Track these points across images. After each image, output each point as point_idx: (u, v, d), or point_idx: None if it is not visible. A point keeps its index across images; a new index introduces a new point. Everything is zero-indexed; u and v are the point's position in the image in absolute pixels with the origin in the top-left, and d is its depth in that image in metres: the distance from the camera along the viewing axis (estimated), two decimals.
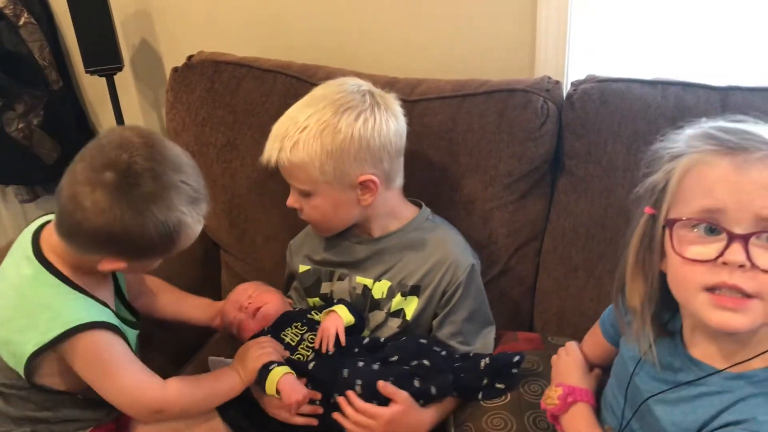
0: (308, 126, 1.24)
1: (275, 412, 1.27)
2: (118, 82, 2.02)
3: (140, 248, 1.09)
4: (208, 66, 1.67)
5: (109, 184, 1.03)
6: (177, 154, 1.11)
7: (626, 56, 1.58)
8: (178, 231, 1.09)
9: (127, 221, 1.04)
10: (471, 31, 1.67)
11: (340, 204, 1.30)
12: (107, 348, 1.13)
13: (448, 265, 1.33)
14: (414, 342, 1.29)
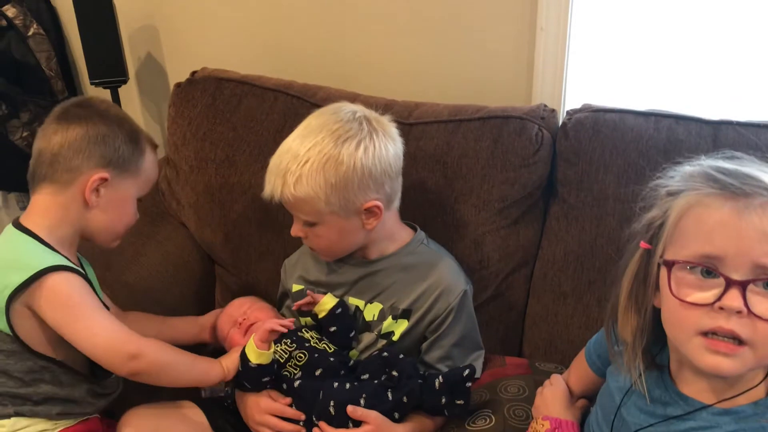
0: (310, 159, 1.24)
1: (257, 429, 1.28)
2: (123, 94, 2.05)
3: (115, 149, 1.24)
4: (211, 82, 1.70)
5: (67, 109, 1.26)
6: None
7: (623, 87, 1.60)
8: (139, 138, 1.29)
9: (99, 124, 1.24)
10: (470, 57, 1.70)
11: (346, 231, 1.30)
12: (76, 290, 1.17)
13: (441, 290, 1.33)
14: (378, 358, 1.30)
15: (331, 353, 1.32)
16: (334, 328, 1.35)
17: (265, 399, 1.28)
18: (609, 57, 1.61)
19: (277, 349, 1.32)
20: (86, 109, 1.25)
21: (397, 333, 1.35)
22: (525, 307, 1.53)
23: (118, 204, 1.27)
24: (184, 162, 1.69)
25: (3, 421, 1.17)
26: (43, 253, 1.18)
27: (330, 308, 1.35)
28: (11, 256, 1.19)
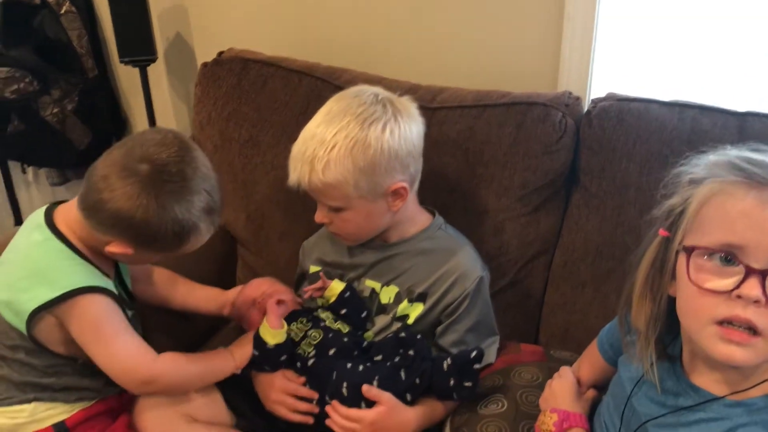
0: (337, 144, 1.23)
1: (273, 407, 1.30)
2: (151, 73, 2.08)
3: (152, 240, 1.15)
4: (237, 63, 1.71)
5: (143, 174, 1.11)
6: (207, 166, 1.20)
7: (649, 76, 1.58)
8: (189, 234, 1.16)
9: (150, 212, 1.11)
10: (496, 42, 1.69)
11: (372, 214, 1.31)
12: (104, 313, 1.18)
13: (457, 275, 1.34)
14: (393, 338, 1.31)
15: (345, 334, 1.33)
16: (345, 310, 1.36)
17: (280, 378, 1.29)
18: (636, 46, 1.59)
19: (293, 327, 1.33)
20: (163, 188, 1.12)
21: (412, 316, 1.35)
22: (543, 295, 1.53)
23: (138, 261, 1.28)
24: (209, 141, 1.71)
25: (23, 406, 1.20)
26: (75, 269, 1.18)
27: (338, 293, 1.36)
28: (43, 266, 1.18)
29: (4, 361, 1.20)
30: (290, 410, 1.28)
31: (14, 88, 2.11)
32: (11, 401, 1.20)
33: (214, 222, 1.21)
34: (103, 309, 1.18)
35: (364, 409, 1.22)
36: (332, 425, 1.24)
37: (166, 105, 2.26)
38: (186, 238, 1.17)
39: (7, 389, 1.20)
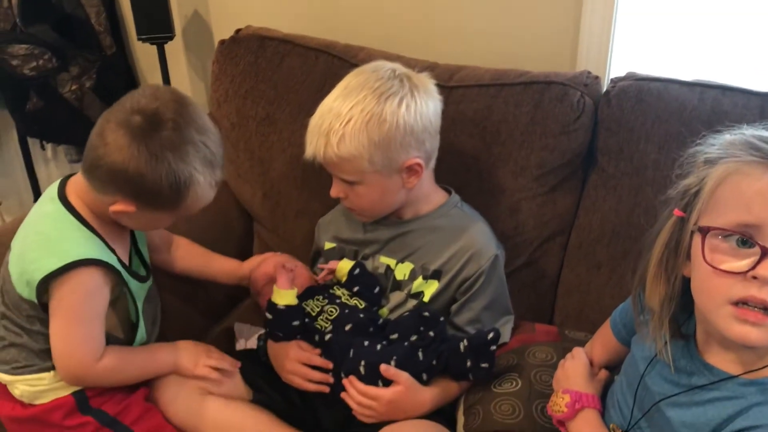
0: (353, 118, 1.24)
1: (288, 377, 1.31)
2: (169, 51, 2.08)
3: (149, 194, 1.13)
4: (254, 41, 1.71)
5: (134, 125, 1.11)
6: (203, 119, 1.17)
7: (670, 56, 1.56)
8: (188, 186, 1.14)
9: (143, 162, 1.10)
10: (515, 21, 1.67)
11: (387, 190, 1.31)
12: (92, 291, 1.17)
13: (472, 253, 1.34)
14: (414, 316, 1.31)
15: (361, 310, 1.34)
16: (357, 288, 1.37)
17: (295, 349, 1.30)
18: (656, 25, 1.57)
19: (309, 303, 1.34)
20: (153, 137, 1.11)
21: (427, 294, 1.36)
22: (558, 276, 1.52)
23: (146, 223, 1.25)
24: (226, 119, 1.71)
25: (44, 374, 1.21)
26: (80, 241, 1.18)
27: (348, 271, 1.37)
28: (51, 237, 1.19)
29: (23, 330, 1.21)
30: (305, 380, 1.29)
31: (33, 65, 2.12)
32: (32, 369, 1.21)
33: (214, 176, 1.18)
34: (92, 288, 1.17)
35: (381, 388, 1.23)
36: (349, 400, 1.25)
37: (184, 83, 2.27)
38: (185, 192, 1.14)
39: (27, 357, 1.21)
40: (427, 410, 1.25)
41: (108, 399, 1.25)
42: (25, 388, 1.22)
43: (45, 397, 1.22)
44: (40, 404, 1.22)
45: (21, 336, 1.21)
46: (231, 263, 1.52)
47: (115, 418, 1.24)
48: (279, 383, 1.35)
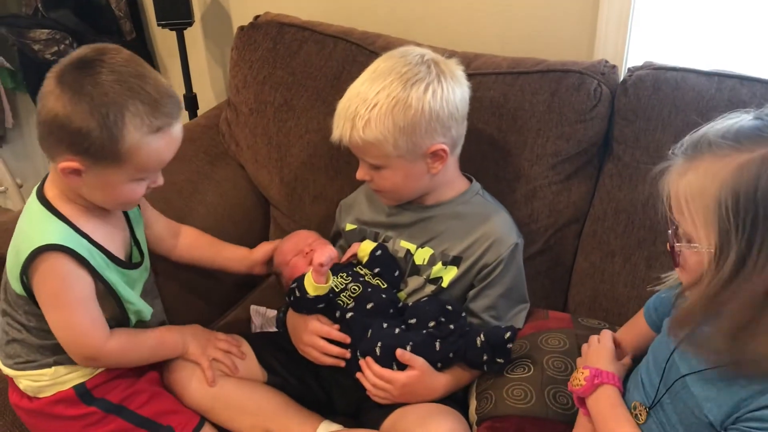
0: (378, 103, 1.25)
1: (305, 350, 1.33)
2: (188, 37, 2.09)
3: (85, 142, 1.06)
4: (273, 27, 1.72)
5: (60, 71, 1.08)
6: (142, 66, 1.11)
7: (688, 45, 1.56)
8: (120, 127, 1.06)
9: (66, 102, 1.05)
10: (532, 9, 1.67)
11: (411, 175, 1.32)
12: (64, 278, 1.14)
13: (492, 240, 1.35)
14: (435, 305, 1.32)
15: (383, 290, 1.35)
16: (378, 269, 1.38)
17: (314, 322, 1.31)
18: (675, 14, 1.56)
19: (334, 279, 1.36)
20: (77, 77, 1.06)
21: (446, 280, 1.37)
22: (572, 264, 1.53)
23: (105, 187, 1.14)
24: (244, 105, 1.73)
25: (45, 370, 1.22)
26: (46, 228, 1.14)
27: (370, 251, 1.38)
28: (23, 229, 1.18)
29: (23, 327, 1.21)
30: (322, 353, 1.30)
31: (54, 50, 2.15)
32: (33, 365, 1.22)
33: (154, 118, 1.08)
34: (64, 272, 1.13)
35: (396, 371, 1.24)
36: (364, 382, 1.27)
37: (202, 68, 2.28)
38: (117, 132, 1.06)
39: (29, 353, 1.22)
40: (440, 395, 1.26)
41: (112, 388, 1.25)
42: (28, 383, 1.23)
43: (47, 391, 1.23)
44: (43, 397, 1.23)
45: (21, 332, 1.22)
46: (240, 250, 1.51)
47: (120, 404, 1.24)
48: (294, 366, 1.37)
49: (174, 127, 1.12)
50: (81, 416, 1.23)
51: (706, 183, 0.81)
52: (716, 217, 0.80)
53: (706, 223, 0.81)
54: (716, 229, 0.80)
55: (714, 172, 0.80)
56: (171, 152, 1.15)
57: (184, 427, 1.26)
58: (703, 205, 0.81)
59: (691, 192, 0.83)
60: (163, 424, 1.25)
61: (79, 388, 1.23)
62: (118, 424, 1.24)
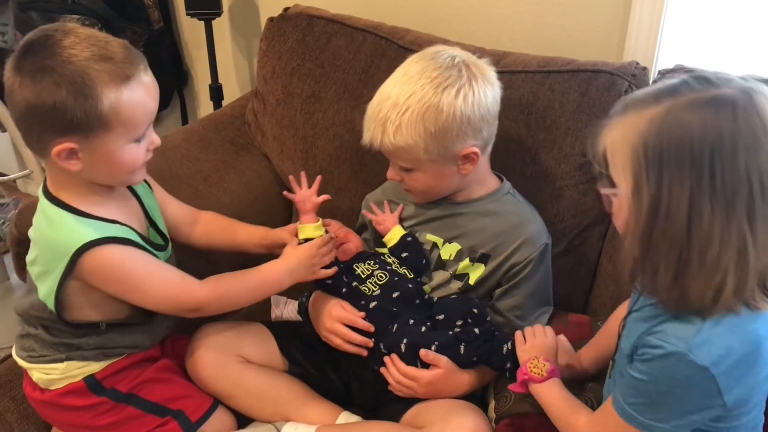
0: (409, 108, 1.24)
1: (328, 336, 1.32)
2: (216, 27, 2.10)
3: (64, 114, 1.04)
4: (303, 19, 1.73)
5: (14, 62, 1.06)
6: (90, 30, 1.09)
7: (719, 49, 1.55)
8: (92, 87, 1.04)
9: (33, 86, 1.04)
10: (563, 9, 1.67)
11: (442, 176, 1.32)
12: (121, 262, 1.14)
13: (523, 240, 1.35)
14: (465, 304, 1.32)
15: (410, 279, 1.35)
16: (406, 254, 1.38)
17: (338, 308, 1.31)
18: (707, 18, 1.55)
19: (360, 266, 1.36)
20: (33, 59, 1.05)
21: (472, 277, 1.37)
22: (596, 265, 1.52)
23: (105, 159, 1.11)
24: (272, 95, 1.73)
25: (57, 365, 1.22)
26: (76, 229, 1.12)
27: (400, 237, 1.38)
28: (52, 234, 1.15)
29: (39, 322, 1.22)
30: (344, 340, 1.30)
31: None
32: (46, 359, 1.22)
33: (118, 68, 1.05)
34: (117, 259, 1.14)
35: (421, 369, 1.24)
36: (388, 377, 1.27)
37: (228, 59, 2.29)
38: (90, 92, 1.03)
39: (42, 347, 1.22)
40: (463, 392, 1.27)
41: (122, 378, 1.25)
42: (40, 375, 1.23)
43: (58, 383, 1.24)
44: (54, 389, 1.24)
45: (36, 328, 1.22)
46: (258, 230, 1.44)
47: (131, 392, 1.25)
48: (314, 357, 1.37)
49: (143, 74, 1.10)
50: (91, 406, 1.24)
51: (626, 134, 0.88)
52: (631, 163, 0.87)
53: (625, 170, 0.88)
54: (632, 174, 0.87)
55: (633, 124, 0.88)
56: (152, 100, 1.12)
57: (195, 410, 1.26)
58: (622, 154, 0.89)
59: (616, 144, 0.91)
60: (174, 408, 1.25)
61: (89, 379, 1.23)
62: (128, 411, 1.24)
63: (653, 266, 0.88)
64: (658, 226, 0.86)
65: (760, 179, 0.83)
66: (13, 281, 2.37)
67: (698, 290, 0.87)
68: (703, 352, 0.87)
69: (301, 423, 1.27)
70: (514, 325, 1.36)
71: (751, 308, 0.89)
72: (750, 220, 0.84)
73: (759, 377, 0.91)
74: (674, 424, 0.92)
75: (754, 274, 0.86)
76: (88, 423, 1.24)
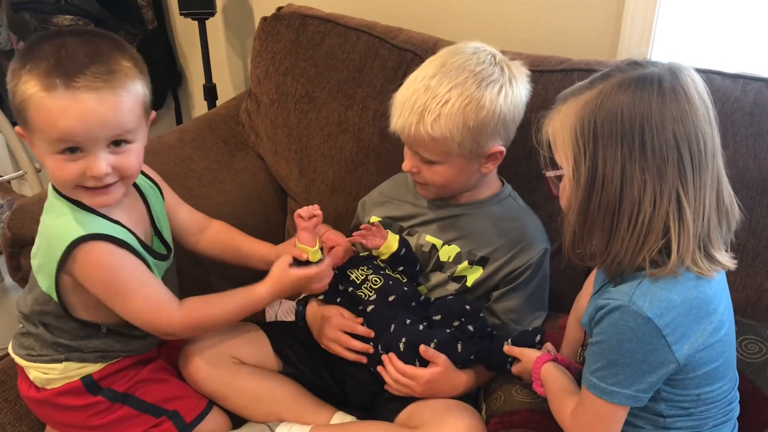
0: (450, 100, 1.22)
1: (328, 345, 1.32)
2: (209, 27, 2.10)
3: (9, 100, 1.06)
4: (296, 18, 1.72)
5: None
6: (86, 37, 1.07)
7: (713, 47, 1.55)
8: (17, 82, 1.03)
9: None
10: (556, 7, 1.67)
11: (464, 172, 1.31)
12: (108, 263, 1.12)
13: (523, 245, 1.35)
14: (459, 304, 1.32)
15: (404, 283, 1.36)
16: (401, 268, 1.38)
17: (337, 316, 1.32)
18: (700, 15, 1.55)
19: (354, 272, 1.36)
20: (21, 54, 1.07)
21: (470, 279, 1.37)
22: None
23: (42, 161, 1.09)
24: (266, 95, 1.73)
25: (55, 365, 1.22)
26: (71, 222, 1.11)
27: (393, 252, 1.36)
28: (47, 225, 1.16)
29: (40, 321, 1.22)
30: (345, 348, 1.30)
31: None
32: (44, 359, 1.22)
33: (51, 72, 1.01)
34: (106, 259, 1.12)
35: (420, 368, 1.24)
36: (385, 376, 1.27)
37: (222, 59, 2.29)
38: (14, 86, 1.04)
39: (41, 347, 1.22)
40: (460, 392, 1.27)
41: (119, 378, 1.25)
42: (38, 374, 1.23)
43: (55, 383, 1.24)
44: (51, 389, 1.24)
45: (37, 327, 1.22)
46: (262, 247, 1.42)
47: (126, 392, 1.25)
48: (308, 357, 1.37)
49: (77, 92, 1.01)
50: (87, 406, 1.24)
51: (565, 119, 0.96)
52: (571, 143, 0.94)
53: (566, 151, 0.96)
54: (572, 153, 0.95)
55: (572, 109, 0.95)
56: (70, 120, 1.02)
57: (190, 411, 1.26)
58: (562, 137, 0.96)
59: (557, 129, 0.98)
60: (169, 409, 1.25)
61: (86, 379, 1.23)
62: (123, 411, 1.25)
63: (590, 234, 0.96)
64: (594, 197, 0.93)
65: (688, 146, 0.90)
66: (8, 282, 2.37)
67: (630, 252, 0.92)
68: (644, 304, 0.92)
69: (295, 423, 1.27)
70: (509, 327, 1.37)
71: (695, 273, 0.94)
72: (683, 185, 0.90)
73: (707, 335, 0.95)
74: (636, 389, 0.95)
75: (694, 239, 0.92)
76: (84, 423, 1.24)
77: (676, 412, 1.01)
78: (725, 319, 0.99)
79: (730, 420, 1.05)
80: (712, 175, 0.92)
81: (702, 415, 1.01)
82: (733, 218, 0.98)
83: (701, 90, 0.94)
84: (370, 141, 1.61)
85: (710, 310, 0.96)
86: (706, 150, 0.91)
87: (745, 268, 1.34)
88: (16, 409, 1.32)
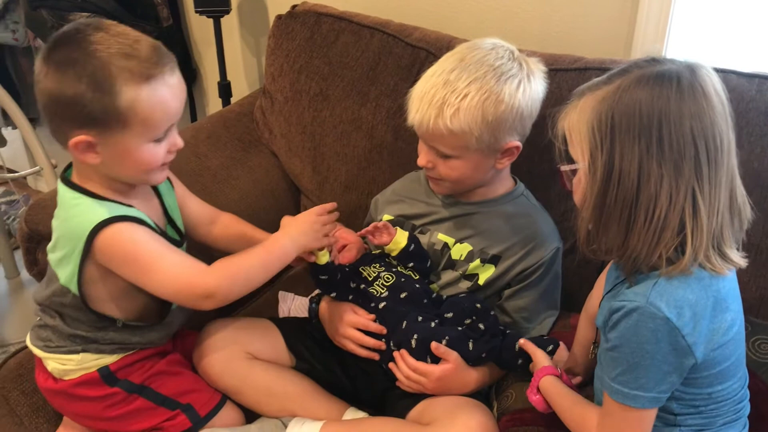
0: (470, 94, 1.23)
1: (341, 341, 1.33)
2: (224, 24, 2.11)
3: (83, 108, 1.06)
4: (310, 17, 1.73)
5: (45, 52, 1.08)
6: (122, 27, 1.10)
7: (728, 46, 1.54)
8: (112, 83, 1.05)
9: (56, 77, 1.06)
10: (571, 6, 1.66)
11: (480, 167, 1.32)
12: (132, 240, 1.13)
13: (535, 243, 1.35)
14: (470, 302, 1.32)
15: (416, 280, 1.36)
16: (412, 264, 1.38)
17: (350, 313, 1.32)
18: (716, 14, 1.55)
19: (366, 269, 1.36)
20: (61, 51, 1.07)
21: (482, 278, 1.37)
22: (602, 264, 1.51)
23: (123, 156, 1.12)
24: (280, 93, 1.74)
25: (72, 356, 1.23)
26: (86, 210, 1.14)
27: (402, 248, 1.36)
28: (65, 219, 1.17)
29: (58, 314, 1.23)
30: (358, 345, 1.31)
31: None
32: (62, 350, 1.24)
33: (142, 65, 1.06)
34: (129, 236, 1.13)
35: (431, 364, 1.25)
36: (397, 373, 1.27)
37: (237, 57, 2.30)
38: (110, 88, 1.05)
39: (59, 338, 1.24)
40: (471, 389, 1.27)
41: (135, 369, 1.27)
42: (55, 365, 1.25)
43: (73, 374, 1.25)
44: (69, 379, 1.25)
45: (55, 319, 1.23)
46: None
47: (143, 384, 1.26)
48: (321, 353, 1.38)
49: (168, 75, 1.10)
50: (104, 397, 1.25)
51: (582, 114, 0.96)
52: (588, 138, 0.94)
53: (582, 145, 0.96)
54: (588, 147, 0.94)
55: (589, 104, 0.95)
56: (175, 101, 1.12)
57: (204, 405, 1.27)
58: (579, 131, 0.96)
59: (574, 123, 0.98)
60: (183, 402, 1.27)
61: (103, 370, 1.25)
62: (139, 403, 1.26)
63: (606, 229, 0.95)
64: (611, 191, 0.92)
65: (705, 143, 0.90)
66: (24, 277, 2.40)
67: (646, 247, 0.92)
68: (662, 304, 0.91)
69: (307, 419, 1.27)
70: (520, 326, 1.37)
71: (708, 271, 0.94)
72: (699, 181, 0.90)
73: (721, 333, 0.95)
74: (658, 390, 0.95)
75: (708, 235, 0.92)
76: (100, 414, 1.26)
77: (686, 410, 1.00)
78: (737, 318, 0.99)
79: (740, 418, 1.05)
80: (726, 173, 0.92)
81: (712, 413, 1.01)
82: (745, 217, 0.97)
83: (719, 88, 0.94)
84: (383, 139, 1.62)
85: (724, 308, 0.96)
86: (722, 147, 0.91)
87: (759, 269, 1.33)
88: (33, 402, 1.33)
